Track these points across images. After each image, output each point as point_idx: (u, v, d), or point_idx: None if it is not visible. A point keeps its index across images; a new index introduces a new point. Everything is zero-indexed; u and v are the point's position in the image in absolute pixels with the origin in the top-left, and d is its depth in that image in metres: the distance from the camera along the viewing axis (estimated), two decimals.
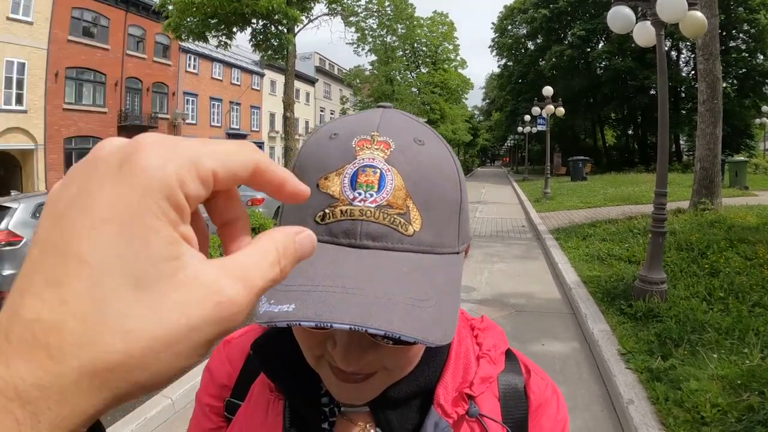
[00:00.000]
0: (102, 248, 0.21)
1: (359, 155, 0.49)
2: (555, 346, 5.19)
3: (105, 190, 0.22)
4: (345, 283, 0.42)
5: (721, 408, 3.41)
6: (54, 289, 0.21)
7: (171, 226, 0.23)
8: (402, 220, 0.47)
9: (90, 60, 24.70)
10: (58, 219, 0.23)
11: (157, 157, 0.23)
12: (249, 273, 0.26)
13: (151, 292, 0.22)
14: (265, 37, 10.82)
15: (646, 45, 5.72)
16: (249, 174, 0.27)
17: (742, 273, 6.04)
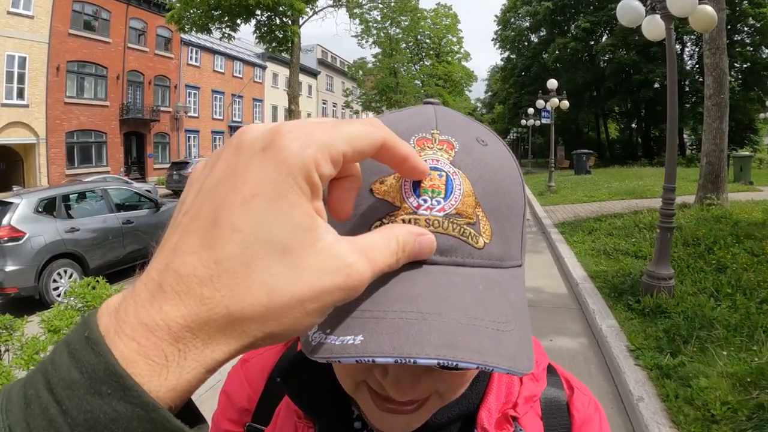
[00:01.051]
0: (252, 218, 0.26)
1: (421, 155, 0.42)
2: (563, 342, 5.16)
3: (252, 169, 0.26)
4: (420, 306, 0.35)
5: (731, 406, 3.39)
6: (208, 250, 0.25)
7: (309, 201, 0.27)
8: (472, 231, 0.41)
9: (91, 53, 24.66)
10: (208, 193, 0.27)
11: (297, 142, 0.27)
12: (374, 253, 0.31)
13: (293, 257, 0.26)
14: (269, 29, 10.76)
15: (655, 39, 5.66)
16: (375, 152, 0.32)
17: (749, 269, 6.01)
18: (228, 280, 0.25)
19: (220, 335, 0.25)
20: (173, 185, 23.13)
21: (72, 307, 4.29)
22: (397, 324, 0.34)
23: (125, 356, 0.24)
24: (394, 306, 0.35)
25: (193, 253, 0.25)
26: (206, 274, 0.25)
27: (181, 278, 0.25)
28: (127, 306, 0.25)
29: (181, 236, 0.27)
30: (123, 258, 8.39)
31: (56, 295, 7.01)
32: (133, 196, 9.33)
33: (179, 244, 0.26)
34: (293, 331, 0.27)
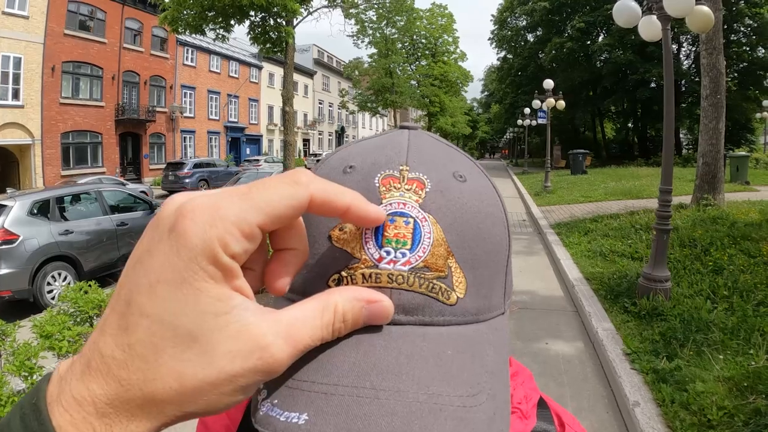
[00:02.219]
0: (158, 305, 0.26)
1: (385, 198, 0.37)
2: (559, 345, 5.15)
3: (159, 253, 0.26)
4: (375, 380, 0.31)
5: (727, 411, 3.37)
6: (123, 333, 0.26)
7: (219, 284, 0.26)
8: (443, 286, 0.36)
9: (87, 54, 24.58)
10: (130, 271, 0.28)
11: (200, 223, 0.26)
12: (298, 330, 0.29)
13: (202, 343, 0.26)
14: (263, 30, 10.70)
15: (651, 39, 5.64)
16: (299, 213, 0.29)
17: (746, 271, 6.00)
18: (140, 364, 0.26)
19: (141, 413, 0.26)
20: (169, 186, 23.11)
21: (64, 311, 4.26)
22: (346, 402, 0.30)
23: (61, 426, 0.25)
24: (346, 378, 0.31)
25: (112, 334, 0.26)
26: (122, 357, 0.26)
27: (103, 359, 0.26)
28: (68, 377, 0.27)
29: (108, 313, 0.27)
30: (117, 260, 8.34)
31: (50, 298, 6.97)
32: (128, 197, 9.29)
33: (105, 322, 0.27)
34: (213, 410, 0.27)
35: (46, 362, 3.99)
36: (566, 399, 4.08)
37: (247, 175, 15.48)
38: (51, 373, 0.28)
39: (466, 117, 50.77)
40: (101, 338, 0.27)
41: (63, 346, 3.75)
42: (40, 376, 3.58)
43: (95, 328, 0.28)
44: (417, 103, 40.33)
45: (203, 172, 23.82)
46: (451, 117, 43.44)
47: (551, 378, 4.42)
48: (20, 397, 2.31)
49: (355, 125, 62.13)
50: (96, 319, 4.43)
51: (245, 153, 38.96)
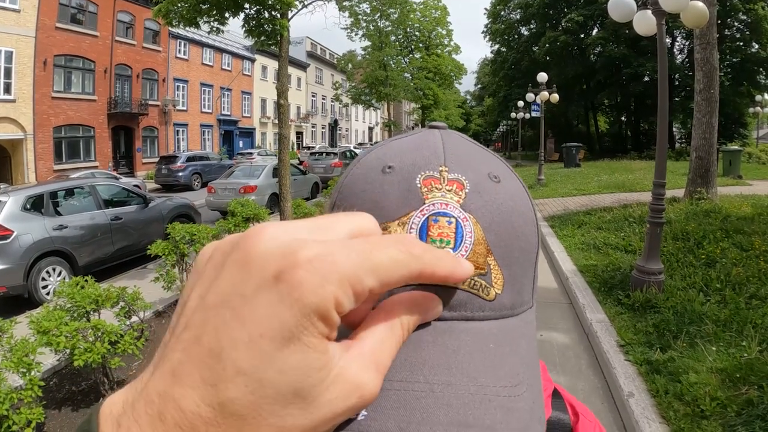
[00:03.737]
0: (259, 361, 0.23)
1: (428, 198, 0.39)
2: (553, 337, 5.19)
3: (261, 302, 0.24)
4: (427, 375, 0.32)
5: (720, 401, 3.42)
6: (211, 389, 0.23)
7: (323, 339, 0.25)
8: (483, 283, 0.38)
9: (78, 47, 24.38)
10: (212, 313, 0.25)
11: (317, 275, 0.24)
12: (381, 357, 0.28)
13: (305, 397, 0.24)
14: (258, 23, 10.61)
15: (645, 34, 5.67)
16: (406, 283, 0.28)
17: (739, 264, 6.06)
18: (234, 422, 0.23)
19: None
20: (162, 179, 22.99)
21: (61, 307, 4.25)
22: (403, 397, 0.31)
23: None
24: (399, 374, 0.32)
25: (195, 388, 0.24)
26: (210, 415, 0.23)
27: (184, 414, 0.23)
28: (128, 424, 0.24)
29: (182, 359, 0.24)
30: (112, 255, 8.33)
31: (45, 294, 6.95)
32: (122, 191, 9.25)
33: (179, 370, 0.24)
34: None
35: (44, 358, 4.00)
36: None
37: (240, 169, 15.38)
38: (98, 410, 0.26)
39: (460, 110, 50.75)
40: (178, 390, 0.24)
41: (60, 342, 3.75)
42: (38, 372, 3.59)
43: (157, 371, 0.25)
44: (410, 96, 40.28)
45: (196, 166, 23.70)
46: (445, 110, 43.38)
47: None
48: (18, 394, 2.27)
49: (348, 118, 62.00)
50: (93, 314, 4.43)
51: (238, 146, 38.81)
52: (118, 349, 4.07)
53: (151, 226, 9.01)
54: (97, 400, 4.38)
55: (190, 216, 10.22)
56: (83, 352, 3.80)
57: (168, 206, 9.81)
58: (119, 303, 4.69)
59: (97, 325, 4.03)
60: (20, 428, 3.24)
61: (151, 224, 9.06)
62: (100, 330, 4.01)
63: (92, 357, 3.80)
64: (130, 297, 4.76)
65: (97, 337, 4.02)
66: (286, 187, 9.88)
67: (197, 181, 23.27)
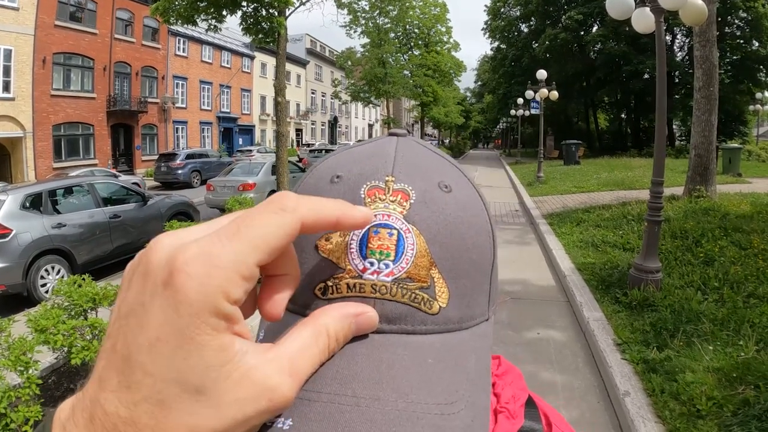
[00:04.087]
0: (161, 363, 0.25)
1: (371, 209, 0.38)
2: (550, 335, 5.20)
3: (155, 310, 0.25)
4: (356, 389, 0.32)
5: (716, 401, 3.42)
6: (126, 391, 0.25)
7: (221, 334, 0.26)
8: (425, 296, 0.37)
9: (77, 45, 24.35)
10: (123, 322, 0.27)
11: (197, 277, 0.25)
12: (298, 363, 0.29)
13: (209, 394, 0.25)
14: (255, 21, 10.60)
15: (644, 32, 5.66)
16: (292, 239, 0.28)
17: (737, 263, 6.06)
18: (148, 421, 0.25)
19: None
20: (161, 177, 22.97)
21: (58, 305, 4.26)
22: (328, 410, 0.31)
23: None
24: (329, 387, 0.32)
25: (114, 391, 0.26)
26: (127, 414, 0.25)
27: (108, 416, 0.25)
28: (71, 427, 0.26)
29: (105, 367, 0.27)
30: (111, 253, 8.33)
31: (44, 292, 6.95)
32: (120, 189, 9.25)
33: (103, 376, 0.26)
34: None
35: (42, 356, 4.00)
36: (557, 388, 4.13)
37: (240, 166, 15.37)
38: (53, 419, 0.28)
39: (459, 107, 50.68)
40: (102, 394, 0.26)
41: (58, 340, 3.75)
42: (36, 370, 3.59)
43: (91, 379, 0.27)
44: (410, 93, 40.24)
45: (196, 163, 23.67)
46: (444, 107, 43.35)
47: (543, 367, 4.47)
48: (16, 393, 2.29)
49: (348, 115, 61.96)
50: (90, 312, 4.43)
51: (238, 143, 38.80)
52: None
53: (150, 224, 9.00)
54: None
55: (189, 214, 10.21)
56: (81, 350, 3.80)
57: (167, 204, 9.81)
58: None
59: (94, 324, 4.03)
60: (18, 426, 3.25)
61: (150, 222, 9.05)
62: (97, 328, 4.01)
63: (89, 355, 3.80)
64: None
65: (94, 335, 4.03)
66: (284, 184, 9.89)
67: (196, 178, 23.24)
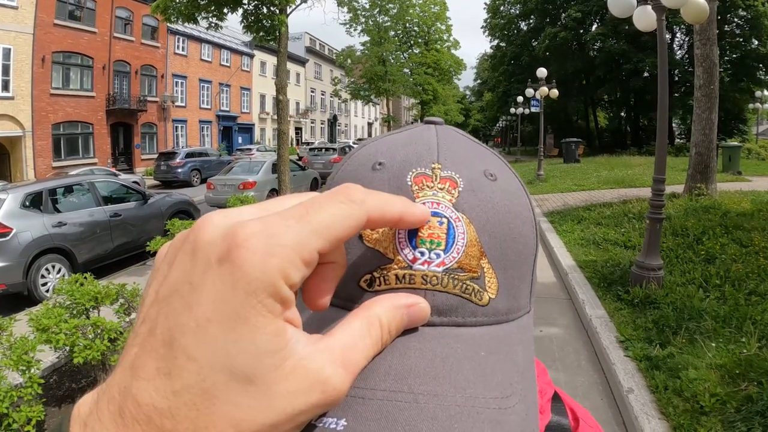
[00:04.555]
0: (208, 346, 0.23)
1: (418, 197, 0.37)
2: (553, 332, 5.20)
3: (207, 287, 0.23)
4: (413, 384, 0.30)
5: (719, 398, 3.43)
6: (165, 378, 0.23)
7: (276, 318, 0.24)
8: (476, 287, 0.36)
9: (77, 43, 24.32)
10: (163, 303, 0.25)
11: (258, 253, 0.23)
12: (351, 355, 0.27)
13: (258, 384, 0.23)
14: (256, 19, 10.61)
15: (645, 30, 5.65)
16: (356, 232, 0.27)
17: (738, 260, 6.07)
18: (188, 413, 0.23)
19: None
20: (161, 176, 22.97)
21: (60, 304, 4.25)
22: (385, 408, 0.29)
23: None
24: (383, 383, 0.30)
25: (150, 379, 0.23)
26: (165, 405, 0.23)
27: (140, 407, 0.23)
28: (93, 423, 0.24)
29: (139, 353, 0.24)
30: (111, 251, 8.33)
31: (45, 291, 6.95)
32: (120, 188, 9.25)
33: (137, 363, 0.24)
34: None
35: (43, 355, 4.00)
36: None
37: (240, 164, 15.34)
38: (72, 415, 0.26)
39: (459, 105, 50.67)
40: (135, 383, 0.23)
41: (60, 339, 3.74)
42: (38, 370, 3.59)
43: (119, 367, 0.25)
44: (410, 92, 40.20)
45: (195, 162, 23.69)
46: (444, 105, 43.31)
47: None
48: (18, 392, 2.28)
49: (348, 113, 61.92)
50: (92, 311, 4.43)
51: (237, 142, 38.78)
52: (117, 346, 4.07)
53: (151, 223, 9.00)
54: None
55: (190, 212, 10.21)
56: (83, 349, 3.80)
57: (167, 203, 9.81)
58: (119, 300, 4.68)
59: (96, 322, 4.03)
60: (20, 426, 3.24)
61: (151, 221, 9.05)
62: (99, 327, 4.01)
63: (92, 354, 3.80)
64: (130, 294, 4.76)
65: (96, 334, 4.02)
66: (285, 182, 9.89)
67: (196, 177, 23.25)
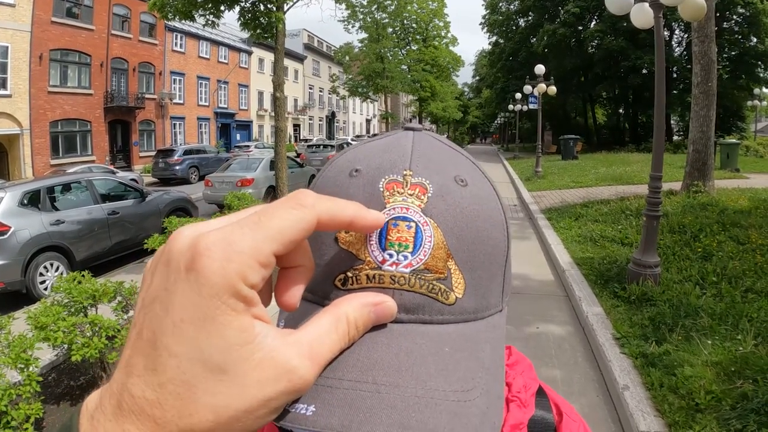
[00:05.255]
0: (185, 343, 0.27)
1: (389, 202, 0.39)
2: (550, 329, 5.21)
3: (179, 292, 0.27)
4: (376, 376, 0.33)
5: (715, 395, 3.44)
6: (152, 374, 0.27)
7: (241, 315, 0.27)
8: (442, 287, 0.38)
9: (74, 41, 24.23)
10: (148, 309, 0.28)
11: (217, 260, 0.27)
12: (318, 348, 0.31)
13: (232, 374, 0.27)
14: (253, 16, 10.58)
15: (643, 27, 5.65)
16: (309, 234, 0.30)
17: (735, 258, 6.08)
18: (174, 402, 0.26)
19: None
20: (159, 173, 22.92)
21: (58, 302, 4.25)
22: (349, 396, 0.32)
23: None
24: (350, 374, 0.33)
25: (140, 375, 0.27)
26: (154, 396, 0.27)
27: (134, 399, 0.27)
28: (99, 415, 0.28)
29: (131, 353, 0.28)
30: (109, 249, 8.33)
31: (43, 289, 6.95)
32: (118, 186, 9.24)
33: (130, 362, 0.28)
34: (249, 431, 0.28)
35: (42, 353, 4.00)
36: (557, 382, 4.14)
37: (238, 161, 15.33)
38: (80, 409, 0.30)
39: (457, 102, 50.61)
40: (129, 380, 0.27)
41: (58, 337, 3.75)
42: (36, 368, 3.59)
43: (117, 367, 0.29)
44: (408, 88, 40.12)
45: (193, 159, 23.62)
46: (442, 102, 43.28)
47: (542, 362, 4.48)
48: (17, 390, 2.29)
49: (346, 110, 61.84)
50: (90, 309, 4.44)
51: (235, 139, 38.73)
52: (115, 344, 4.08)
53: (149, 220, 9.00)
54: None
55: (188, 210, 10.21)
56: (81, 347, 3.80)
57: (165, 200, 9.80)
58: (116, 298, 4.69)
59: (94, 320, 4.03)
60: (19, 424, 3.25)
61: (149, 218, 9.05)
62: (97, 325, 4.02)
63: (90, 352, 3.81)
64: (128, 291, 4.76)
65: (94, 332, 4.03)
66: (283, 179, 9.89)
67: (194, 174, 23.19)
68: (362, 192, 0.41)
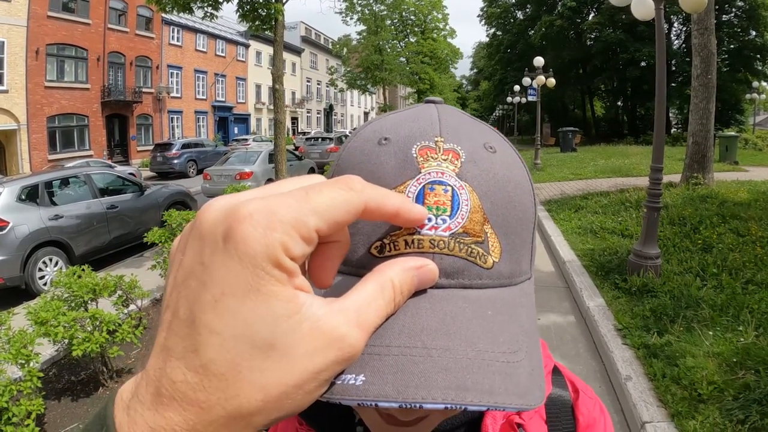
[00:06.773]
0: (227, 319, 0.25)
1: (424, 168, 0.39)
2: (551, 321, 5.22)
3: (216, 265, 0.25)
4: (425, 340, 0.33)
5: (717, 385, 3.45)
6: (193, 355, 0.25)
7: (286, 286, 0.26)
8: (480, 250, 0.38)
9: (71, 35, 24.10)
10: (182, 287, 0.26)
11: (258, 227, 0.25)
12: (366, 314, 0.29)
13: (279, 348, 0.25)
14: (252, 8, 10.51)
15: (643, 19, 5.62)
16: (354, 219, 0.29)
17: (735, 249, 6.08)
18: (218, 384, 0.25)
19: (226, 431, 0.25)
20: (157, 167, 22.87)
21: (58, 297, 4.25)
22: (400, 362, 0.32)
23: None
24: (398, 340, 0.33)
25: (180, 358, 0.25)
26: (196, 379, 0.25)
27: (175, 384, 0.25)
28: (136, 405, 0.26)
29: (167, 336, 0.26)
30: (108, 243, 8.31)
31: (42, 284, 6.93)
32: (117, 180, 9.20)
33: (167, 345, 0.26)
34: (300, 409, 0.27)
35: (42, 349, 3.99)
36: None
37: (236, 155, 15.29)
38: (113, 398, 0.28)
39: (455, 94, 50.62)
40: (168, 364, 0.25)
41: (58, 332, 3.74)
42: (37, 363, 3.59)
43: (152, 353, 0.27)
44: (406, 81, 39.98)
45: (191, 153, 23.58)
46: (441, 94, 43.08)
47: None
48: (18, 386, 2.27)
49: (344, 103, 61.69)
50: (90, 303, 4.43)
51: (233, 132, 38.64)
52: (116, 338, 4.08)
53: (148, 214, 8.98)
54: (96, 389, 4.39)
55: (186, 203, 10.19)
56: (81, 341, 3.80)
57: (164, 194, 9.79)
58: (117, 292, 4.68)
59: (94, 315, 4.03)
60: (20, 420, 3.25)
61: (147, 212, 9.03)
62: (98, 319, 4.01)
63: (91, 347, 3.80)
64: (128, 285, 4.76)
65: (95, 326, 4.02)
66: (282, 172, 9.86)
67: (193, 168, 23.16)
68: (394, 159, 0.41)
